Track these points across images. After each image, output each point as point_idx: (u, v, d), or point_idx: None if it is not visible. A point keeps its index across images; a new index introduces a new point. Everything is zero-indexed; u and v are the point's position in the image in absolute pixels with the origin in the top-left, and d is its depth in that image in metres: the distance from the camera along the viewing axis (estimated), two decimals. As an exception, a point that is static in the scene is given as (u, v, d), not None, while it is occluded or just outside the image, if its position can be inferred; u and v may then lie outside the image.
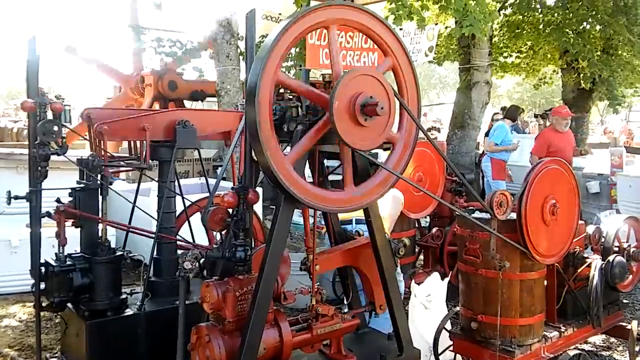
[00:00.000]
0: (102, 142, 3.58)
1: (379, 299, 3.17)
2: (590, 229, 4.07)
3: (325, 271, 3.19)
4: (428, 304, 4.00)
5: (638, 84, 13.43)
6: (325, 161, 3.30)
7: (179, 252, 4.04)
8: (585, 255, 3.94)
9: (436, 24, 9.51)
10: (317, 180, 3.00)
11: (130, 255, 3.78)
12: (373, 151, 3.34)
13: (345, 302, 3.53)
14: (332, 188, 3.05)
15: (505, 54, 12.84)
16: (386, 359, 2.99)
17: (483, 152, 9.07)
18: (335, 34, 2.54)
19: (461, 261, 3.58)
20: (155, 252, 3.89)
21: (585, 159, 9.27)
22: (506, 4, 11.02)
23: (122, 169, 4.81)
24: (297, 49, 7.87)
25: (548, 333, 3.58)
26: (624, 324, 4.20)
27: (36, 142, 3.38)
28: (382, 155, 5.67)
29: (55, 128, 3.35)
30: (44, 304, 3.59)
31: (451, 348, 3.77)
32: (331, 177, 3.52)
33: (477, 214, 3.55)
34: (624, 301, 4.37)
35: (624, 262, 3.97)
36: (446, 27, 10.90)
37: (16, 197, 3.53)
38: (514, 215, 3.30)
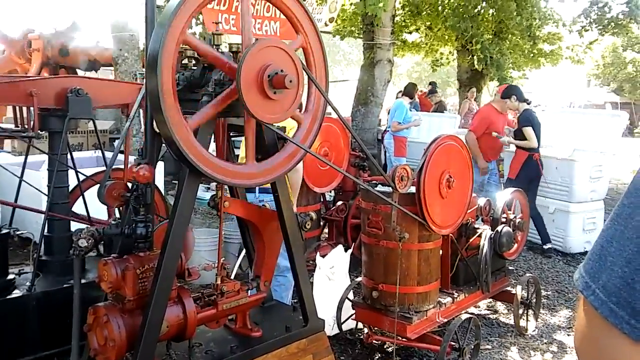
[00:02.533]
0: None
1: (265, 275, 3.15)
2: (482, 201, 4.35)
3: (232, 214, 3.11)
4: (332, 275, 4.11)
5: (525, 67, 14.50)
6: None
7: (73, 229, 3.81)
8: (477, 226, 4.22)
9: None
10: (223, 154, 2.93)
11: (18, 232, 3.50)
12: (280, 125, 3.34)
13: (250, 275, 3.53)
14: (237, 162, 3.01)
15: (405, 32, 13.26)
16: (291, 330, 3.04)
17: (385, 129, 9.35)
18: (248, 3, 2.47)
19: (364, 233, 3.70)
20: (46, 229, 3.64)
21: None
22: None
23: (6, 138, 4.41)
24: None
25: (442, 299, 3.81)
26: (509, 289, 4.57)
27: None
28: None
29: None
30: None
31: (353, 317, 3.91)
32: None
33: (379, 188, 3.67)
34: (510, 268, 4.75)
35: (511, 232, 4.31)
36: (351, 4, 11.03)
37: None
38: (413, 189, 3.45)
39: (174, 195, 7.65)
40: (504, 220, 4.44)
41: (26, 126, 3.61)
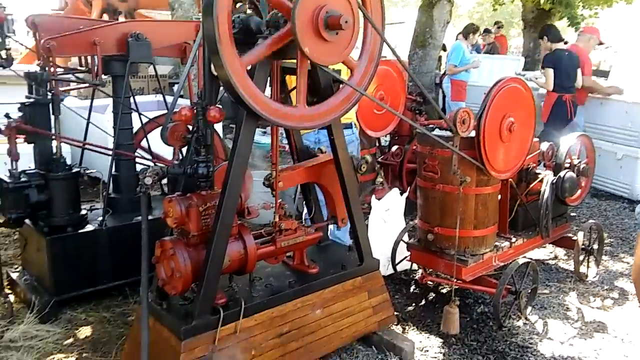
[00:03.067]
0: (50, 58, 3.39)
1: (340, 213, 3.26)
2: (544, 146, 4.20)
3: (288, 188, 3.22)
4: (387, 218, 4.14)
5: (597, 5, 13.48)
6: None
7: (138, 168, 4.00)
8: (538, 171, 4.10)
9: None
10: (278, 97, 2.95)
11: (88, 172, 3.70)
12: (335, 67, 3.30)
13: (307, 216, 3.62)
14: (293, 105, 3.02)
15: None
16: (347, 268, 3.12)
17: (444, 72, 9.05)
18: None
19: (420, 177, 3.67)
20: (113, 169, 3.83)
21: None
22: None
23: (73, 86, 4.60)
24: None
25: (499, 243, 3.77)
26: (570, 235, 4.46)
27: (-22, 52, 3.17)
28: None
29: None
30: (0, 221, 3.53)
31: (408, 258, 3.95)
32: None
33: (437, 132, 3.60)
34: (572, 214, 4.62)
35: (574, 177, 4.16)
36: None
37: (-39, 112, 3.35)
38: (473, 133, 3.37)
39: (231, 139, 7.79)
40: (567, 165, 4.29)
41: (89, 69, 3.73)
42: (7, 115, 3.41)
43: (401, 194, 4.37)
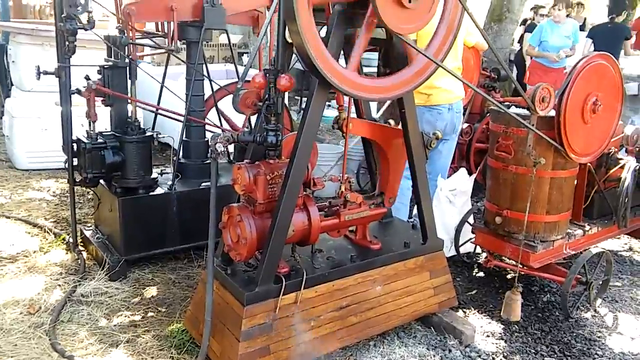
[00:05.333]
0: (129, 22, 3.47)
1: (390, 191, 3.16)
2: (629, 129, 3.93)
3: (356, 133, 3.13)
4: (453, 198, 4.03)
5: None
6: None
7: (208, 135, 4.06)
8: (620, 156, 3.85)
9: None
10: (353, 67, 2.88)
11: (159, 137, 3.80)
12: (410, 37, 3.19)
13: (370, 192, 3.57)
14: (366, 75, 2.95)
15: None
16: (410, 246, 3.07)
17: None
18: None
19: (492, 157, 3.53)
20: (184, 135, 3.91)
21: (626, 59, 8.77)
22: None
23: (149, 51, 4.70)
24: None
25: (572, 231, 3.59)
26: (649, 226, 4.19)
27: (63, 15, 3.27)
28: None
29: (82, 1, 3.23)
30: (77, 180, 3.70)
31: (472, 240, 3.84)
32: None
33: (513, 110, 3.44)
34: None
35: (660, 165, 3.88)
36: None
37: (45, 73, 3.50)
38: (552, 113, 3.19)
39: (296, 111, 7.81)
40: (653, 152, 4.01)
41: (166, 33, 3.80)
42: (86, 77, 3.53)
43: (469, 174, 4.23)
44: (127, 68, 3.56)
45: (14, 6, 10.80)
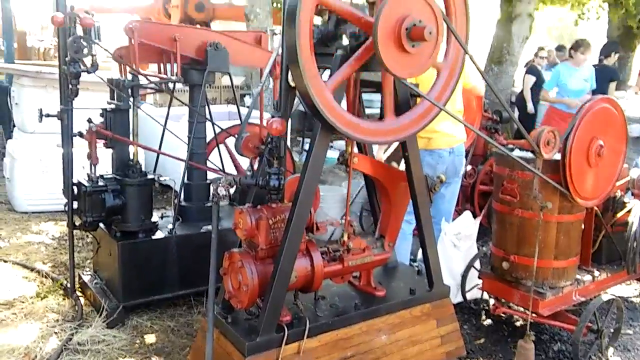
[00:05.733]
0: (131, 40, 3.50)
1: (390, 235, 3.09)
2: (635, 172, 3.89)
3: (360, 170, 3.07)
4: (458, 242, 3.95)
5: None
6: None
7: (210, 178, 4.03)
8: (626, 200, 3.80)
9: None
10: (355, 110, 2.87)
11: (161, 179, 3.77)
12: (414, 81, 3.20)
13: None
14: (369, 118, 2.94)
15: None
16: (415, 293, 2.98)
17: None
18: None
19: (496, 200, 3.48)
20: (185, 177, 3.87)
21: (626, 100, 8.83)
22: None
23: (151, 88, 4.73)
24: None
25: (581, 276, 3.51)
26: (659, 271, 4.09)
27: (67, 58, 3.29)
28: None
29: (86, 45, 3.25)
30: (76, 223, 3.64)
31: (479, 286, 3.74)
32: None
33: (516, 153, 3.41)
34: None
35: (667, 209, 3.82)
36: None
37: (47, 115, 3.50)
38: (558, 156, 3.16)
39: (298, 152, 7.81)
40: (660, 195, 3.95)
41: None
42: (89, 120, 3.53)
43: (474, 216, 4.17)
44: (130, 110, 3.55)
45: (18, 48, 11.01)
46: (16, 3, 11.40)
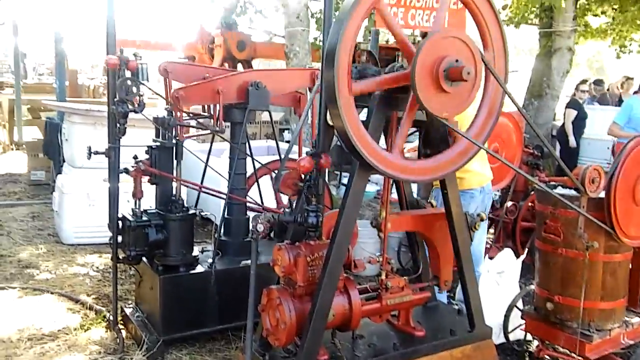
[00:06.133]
0: (178, 106, 3.64)
1: (444, 275, 3.05)
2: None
3: (395, 231, 3.06)
4: (500, 281, 3.87)
5: None
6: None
7: (249, 213, 4.09)
8: (677, 239, 3.65)
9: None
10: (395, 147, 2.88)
11: (202, 214, 3.85)
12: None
13: (413, 273, 3.46)
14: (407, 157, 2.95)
15: (589, 15, 11.85)
16: (456, 334, 2.91)
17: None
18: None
19: (539, 239, 3.40)
20: (225, 212, 3.94)
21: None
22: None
23: (194, 133, 4.88)
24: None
25: (629, 318, 3.37)
26: None
27: (115, 99, 3.45)
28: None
29: (134, 86, 3.40)
30: (120, 256, 3.74)
31: (522, 327, 3.63)
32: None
33: (559, 190, 3.34)
34: None
35: None
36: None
37: (96, 153, 3.64)
38: (602, 194, 3.08)
39: (335, 186, 7.78)
40: None
41: (212, 115, 3.94)
42: (135, 157, 3.66)
43: (515, 254, 4.08)
44: (174, 148, 3.67)
45: (70, 86, 11.57)
46: (68, 42, 12.01)
